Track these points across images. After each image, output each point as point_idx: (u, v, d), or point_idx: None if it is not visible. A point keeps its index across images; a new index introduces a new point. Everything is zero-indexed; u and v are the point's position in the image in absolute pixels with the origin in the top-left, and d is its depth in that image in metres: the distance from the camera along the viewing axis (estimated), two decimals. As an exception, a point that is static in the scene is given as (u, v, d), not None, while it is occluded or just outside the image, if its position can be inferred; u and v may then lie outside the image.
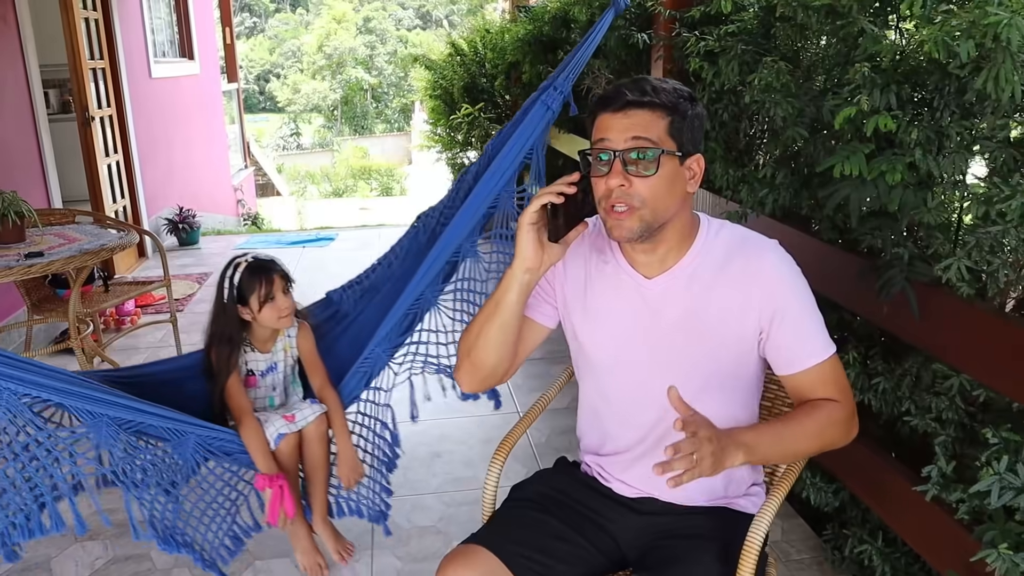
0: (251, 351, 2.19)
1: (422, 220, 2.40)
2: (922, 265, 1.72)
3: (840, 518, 2.32)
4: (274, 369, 2.24)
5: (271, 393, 2.26)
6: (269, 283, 2.08)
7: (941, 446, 1.76)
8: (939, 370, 1.85)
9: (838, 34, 1.93)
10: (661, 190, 1.34)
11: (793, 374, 1.42)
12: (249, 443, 2.04)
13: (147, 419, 1.83)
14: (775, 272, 1.41)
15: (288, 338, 2.25)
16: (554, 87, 2.16)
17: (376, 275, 2.42)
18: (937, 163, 1.59)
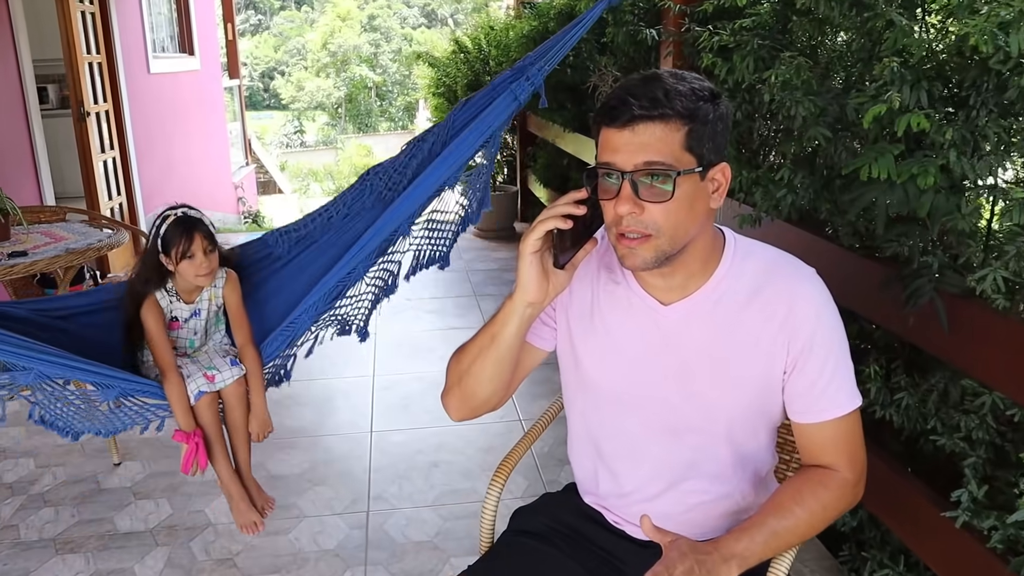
0: (176, 300, 2.27)
1: (370, 178, 2.37)
2: (953, 275, 1.61)
3: (858, 538, 2.21)
4: (197, 315, 2.32)
5: (192, 336, 2.35)
6: (189, 240, 2.13)
7: (971, 468, 1.65)
8: (969, 386, 1.73)
9: (862, 28, 1.82)
10: (679, 214, 1.15)
11: (807, 423, 1.25)
12: (171, 397, 2.15)
13: (75, 374, 1.98)
14: (809, 307, 1.22)
15: (214, 288, 2.32)
16: (526, 77, 2.06)
17: (315, 224, 2.43)
18: (972, 165, 1.47)
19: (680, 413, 1.30)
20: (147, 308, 2.21)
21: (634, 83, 1.16)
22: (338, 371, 3.79)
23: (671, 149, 1.12)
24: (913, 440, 1.99)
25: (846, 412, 1.23)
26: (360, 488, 2.81)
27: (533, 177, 6.11)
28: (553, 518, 1.49)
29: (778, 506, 1.21)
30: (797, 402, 1.26)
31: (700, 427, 1.30)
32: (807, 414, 1.25)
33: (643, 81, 1.15)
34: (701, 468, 1.33)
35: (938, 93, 1.54)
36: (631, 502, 1.40)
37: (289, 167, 22.92)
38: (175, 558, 2.44)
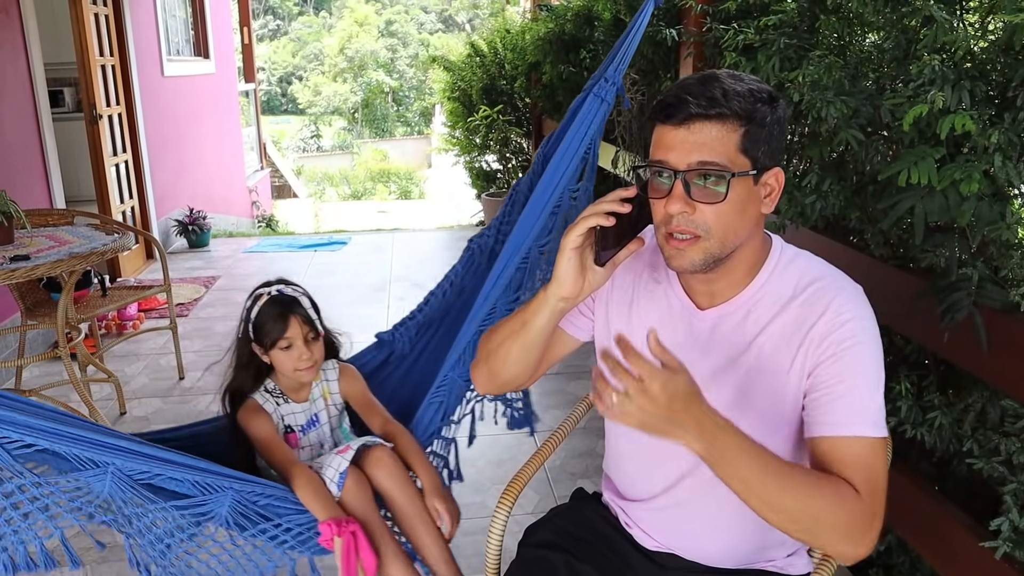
0: (285, 402, 1.85)
1: (476, 243, 2.17)
2: (994, 288, 1.51)
3: (885, 563, 2.10)
4: (316, 422, 1.89)
5: (320, 452, 1.90)
6: (285, 326, 1.77)
7: (1012, 495, 1.54)
8: (1009, 407, 1.63)
9: (897, 25, 1.72)
10: (731, 217, 1.11)
11: (819, 437, 1.13)
12: (303, 492, 1.63)
13: (167, 470, 1.44)
14: (843, 315, 1.14)
15: (326, 382, 1.93)
16: (604, 79, 1.98)
17: (431, 308, 2.19)
18: (1019, 171, 1.37)
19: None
20: (246, 412, 1.80)
21: (691, 81, 1.12)
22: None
23: (726, 150, 1.09)
24: (945, 462, 1.89)
25: (862, 434, 1.10)
26: (367, 501, 2.72)
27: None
28: (566, 525, 1.46)
29: (793, 465, 1.07)
30: (814, 413, 1.15)
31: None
32: (822, 426, 1.13)
33: (701, 80, 1.11)
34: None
35: (981, 93, 1.44)
36: (646, 508, 1.36)
37: (305, 171, 22.96)
38: (175, 572, 2.36)
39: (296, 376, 1.82)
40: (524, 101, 6.45)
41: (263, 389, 1.85)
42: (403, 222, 10.10)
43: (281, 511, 1.62)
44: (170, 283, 3.71)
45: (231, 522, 1.53)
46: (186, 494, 1.50)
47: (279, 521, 1.61)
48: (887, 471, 1.13)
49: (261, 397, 1.84)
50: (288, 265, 5.98)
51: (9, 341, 4.01)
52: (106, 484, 1.39)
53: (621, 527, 1.42)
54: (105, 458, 1.39)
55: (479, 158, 7.05)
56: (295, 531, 1.63)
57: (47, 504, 1.39)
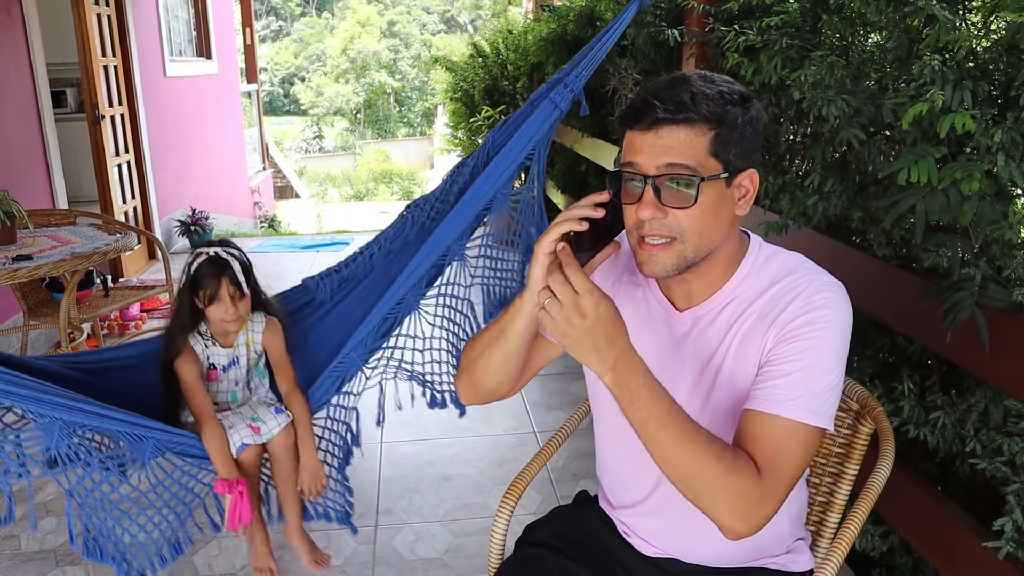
0: (212, 344, 2.13)
1: (411, 211, 2.25)
2: (997, 288, 1.50)
3: (887, 563, 2.09)
4: (236, 363, 2.17)
5: (233, 388, 2.19)
6: (217, 284, 2.03)
7: (1015, 496, 1.54)
8: (1013, 407, 1.63)
9: (899, 25, 1.72)
10: (704, 220, 1.11)
11: (747, 409, 1.12)
12: (210, 448, 1.99)
13: (104, 423, 1.75)
14: (813, 301, 1.12)
15: (251, 332, 2.18)
16: (564, 84, 1.98)
17: (356, 264, 2.30)
18: (1021, 170, 1.36)
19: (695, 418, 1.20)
20: (182, 359, 2.07)
21: (660, 85, 1.11)
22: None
23: (695, 154, 1.08)
24: (948, 462, 1.89)
25: (788, 415, 1.08)
26: (368, 501, 2.73)
27: (551, 183, 6.02)
28: (564, 528, 1.45)
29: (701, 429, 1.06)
30: (753, 386, 1.14)
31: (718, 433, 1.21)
32: (751, 399, 1.12)
33: (670, 83, 1.10)
34: None
35: (983, 93, 1.44)
36: (637, 514, 1.36)
37: (308, 172, 22.96)
38: (177, 572, 2.36)
39: (223, 326, 2.09)
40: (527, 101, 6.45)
41: (196, 331, 2.11)
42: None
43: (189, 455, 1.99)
44: (172, 283, 3.71)
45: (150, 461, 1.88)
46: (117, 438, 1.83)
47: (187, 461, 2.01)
48: (803, 461, 1.10)
49: (194, 338, 2.11)
50: (290, 265, 5.98)
51: (11, 341, 4.01)
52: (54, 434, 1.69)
53: (620, 535, 1.41)
54: (54, 412, 1.67)
55: (481, 159, 7.04)
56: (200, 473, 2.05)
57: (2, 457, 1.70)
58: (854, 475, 1.49)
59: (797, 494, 1.34)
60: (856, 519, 1.34)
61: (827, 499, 1.52)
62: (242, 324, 2.13)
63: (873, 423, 1.45)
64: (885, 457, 1.39)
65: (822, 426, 1.10)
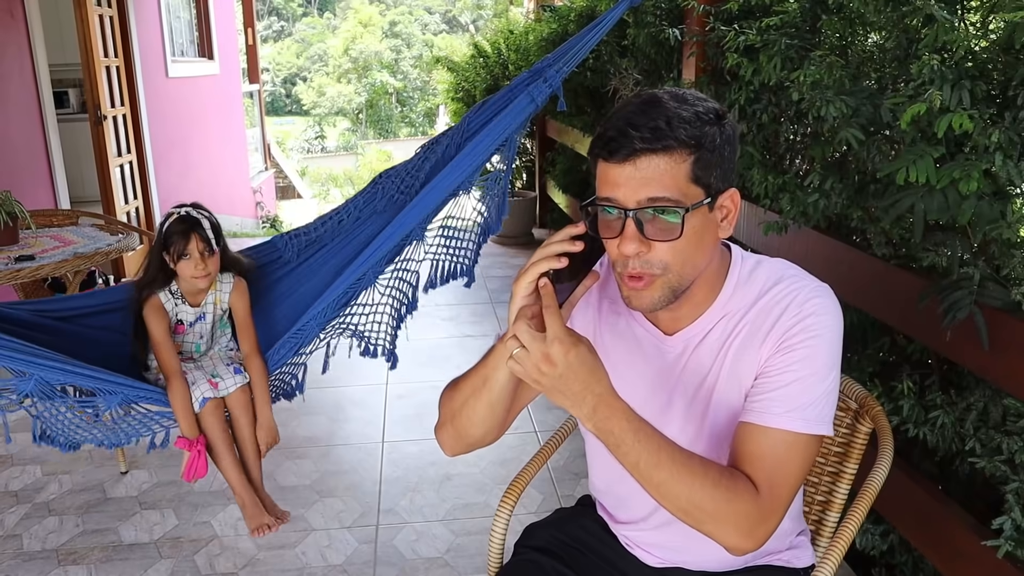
0: (182, 303, 2.26)
1: (383, 181, 2.34)
2: (996, 288, 1.51)
3: (888, 562, 2.10)
4: (202, 319, 2.32)
5: (198, 340, 2.35)
6: (186, 241, 2.13)
7: (1014, 494, 1.54)
8: (1012, 406, 1.63)
9: (898, 25, 1.72)
10: (688, 250, 1.06)
11: (743, 423, 1.11)
12: (175, 404, 2.14)
13: (76, 380, 1.94)
14: (804, 309, 1.10)
15: (219, 292, 2.31)
16: (544, 78, 2.01)
17: (325, 229, 2.41)
18: (1019, 170, 1.37)
19: (692, 440, 1.20)
20: (151, 309, 2.21)
21: (633, 111, 1.05)
22: (350, 379, 3.72)
23: (676, 183, 1.03)
24: (948, 461, 1.89)
25: (787, 427, 1.07)
26: (370, 501, 2.73)
27: (552, 183, 6.03)
28: (564, 533, 1.43)
29: (688, 454, 1.04)
30: (748, 398, 1.13)
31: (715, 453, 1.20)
32: (744, 412, 1.11)
33: (643, 107, 1.04)
34: None
35: (981, 93, 1.44)
36: (640, 529, 1.34)
37: (310, 172, 22.99)
38: (179, 571, 2.37)
39: (193, 283, 2.21)
40: (527, 102, 6.45)
41: (167, 290, 2.23)
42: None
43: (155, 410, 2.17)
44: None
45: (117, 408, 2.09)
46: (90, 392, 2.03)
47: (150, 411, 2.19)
48: (803, 471, 1.09)
49: (164, 296, 2.23)
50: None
51: (14, 341, 4.02)
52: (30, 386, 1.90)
53: (620, 548, 1.39)
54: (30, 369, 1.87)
55: (482, 158, 7.05)
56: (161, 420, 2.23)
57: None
58: (853, 474, 1.49)
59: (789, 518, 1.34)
60: (855, 518, 1.34)
61: (826, 498, 1.52)
62: (212, 282, 2.25)
63: (872, 422, 1.45)
64: (884, 456, 1.39)
65: (821, 433, 1.09)
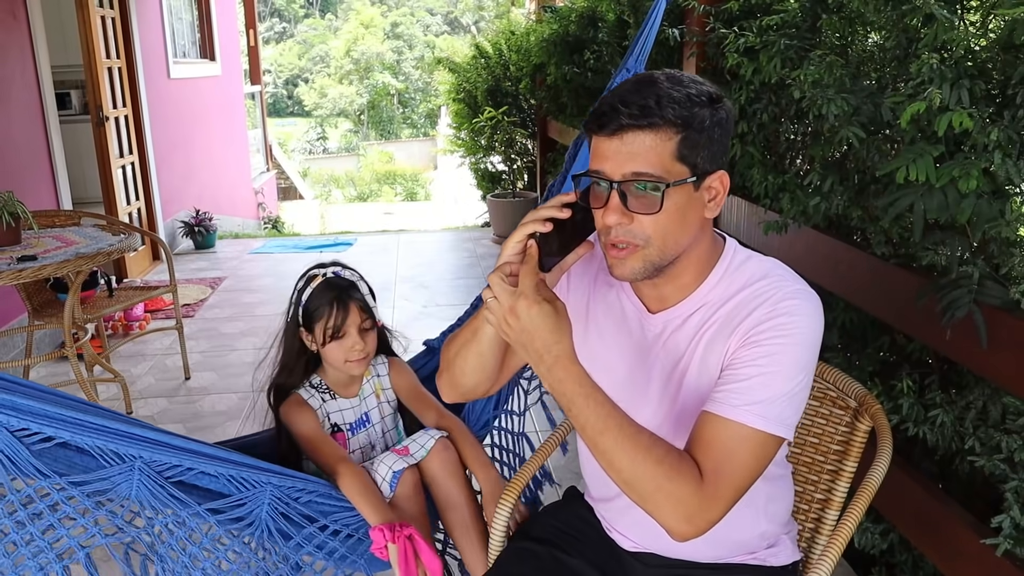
0: (332, 398, 1.71)
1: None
2: (995, 286, 1.51)
3: (887, 561, 2.10)
4: (366, 422, 1.75)
5: (371, 455, 1.75)
6: (343, 312, 1.63)
7: (1013, 493, 1.54)
8: (1011, 404, 1.63)
9: (898, 24, 1.72)
10: (670, 225, 1.10)
11: (703, 411, 1.12)
12: (351, 491, 1.50)
13: (199, 463, 1.30)
14: (779, 308, 1.11)
15: (377, 377, 1.79)
16: (626, 69, 2.13)
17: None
18: (1018, 169, 1.37)
19: (661, 422, 1.24)
20: (289, 407, 1.66)
21: (627, 88, 1.09)
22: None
23: (661, 159, 1.07)
24: (948, 460, 1.89)
25: (740, 420, 1.08)
26: (371, 500, 2.73)
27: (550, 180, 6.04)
28: (559, 520, 1.48)
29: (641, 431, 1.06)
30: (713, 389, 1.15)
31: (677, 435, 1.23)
32: (708, 400, 1.13)
33: (636, 86, 1.08)
34: None
35: (980, 92, 1.45)
36: (617, 508, 1.37)
37: (312, 173, 23.01)
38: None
39: (346, 368, 1.68)
40: (529, 102, 6.46)
41: (308, 384, 1.71)
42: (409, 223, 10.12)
43: (326, 509, 1.47)
44: (176, 284, 3.73)
45: (271, 528, 1.38)
46: (220, 493, 1.35)
47: (325, 522, 1.46)
48: (753, 467, 1.09)
49: (306, 392, 1.70)
50: (294, 266, 5.99)
51: (16, 341, 4.03)
52: (134, 481, 1.23)
53: (603, 531, 1.43)
54: (132, 451, 1.23)
55: (484, 159, 7.06)
56: (344, 533, 1.49)
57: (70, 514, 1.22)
58: (852, 472, 1.49)
59: (782, 493, 1.35)
60: (853, 515, 1.35)
61: (826, 496, 1.52)
62: (367, 366, 1.73)
63: (871, 420, 1.45)
64: (883, 453, 1.39)
65: (778, 434, 1.09)
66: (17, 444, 1.15)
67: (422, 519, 1.60)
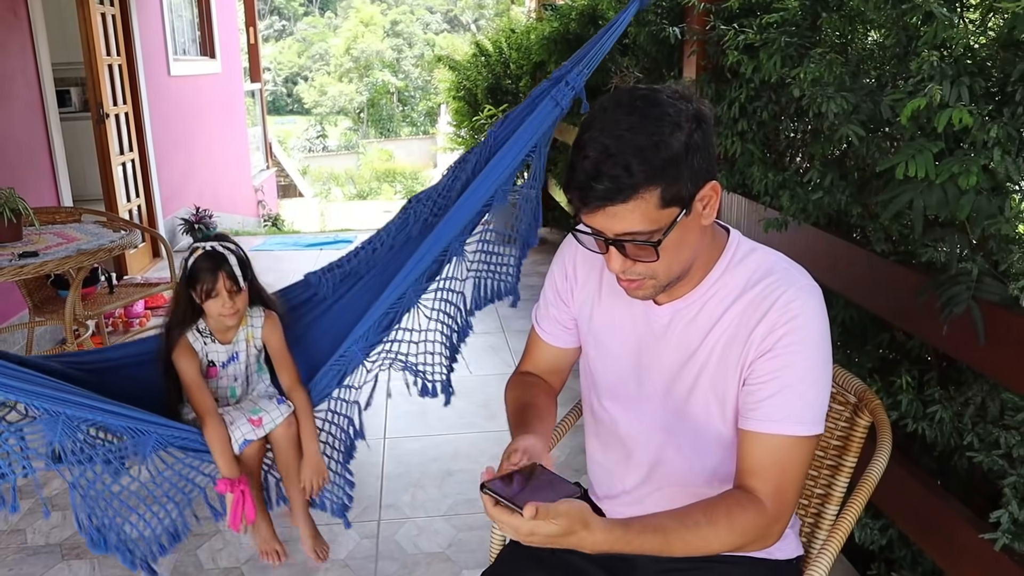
0: (211, 341, 2.10)
1: (414, 206, 2.25)
2: (993, 282, 1.52)
3: (886, 557, 2.11)
4: (235, 359, 2.15)
5: (232, 384, 2.17)
6: (213, 280, 2.00)
7: (1012, 488, 1.55)
8: (1009, 400, 1.64)
9: (897, 22, 1.73)
10: (672, 258, 1.14)
11: (744, 430, 1.17)
12: (212, 445, 1.97)
13: (107, 418, 1.75)
14: (789, 311, 1.15)
15: (251, 328, 2.16)
16: (566, 82, 2.01)
17: (359, 260, 2.30)
18: (1018, 166, 1.38)
19: (663, 416, 1.28)
20: (180, 350, 2.06)
21: (593, 160, 1.06)
22: (352, 376, 3.73)
23: (647, 217, 1.08)
24: (947, 456, 1.90)
25: (785, 432, 1.13)
26: (372, 496, 2.75)
27: (553, 182, 6.04)
28: None
29: (685, 515, 1.11)
30: (742, 401, 1.19)
31: (684, 433, 1.27)
32: (744, 418, 1.17)
33: (599, 160, 1.06)
34: (688, 473, 1.30)
35: (980, 89, 1.45)
36: (621, 503, 1.39)
37: (311, 171, 23.01)
38: (181, 565, 2.39)
39: (221, 321, 2.06)
40: (529, 100, 6.47)
41: (195, 328, 2.08)
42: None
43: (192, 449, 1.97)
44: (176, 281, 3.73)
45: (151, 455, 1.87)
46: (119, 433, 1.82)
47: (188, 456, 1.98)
48: (805, 470, 1.16)
49: (192, 336, 2.08)
50: (294, 264, 6.00)
51: (17, 338, 4.04)
52: (58, 428, 1.67)
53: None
54: (57, 407, 1.66)
55: (484, 157, 7.07)
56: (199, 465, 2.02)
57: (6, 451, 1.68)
58: (852, 467, 1.50)
59: None
60: (852, 510, 1.36)
61: (825, 491, 1.53)
62: (241, 319, 2.11)
63: (870, 416, 1.46)
64: (882, 448, 1.40)
65: (818, 433, 1.15)
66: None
67: (256, 477, 2.11)
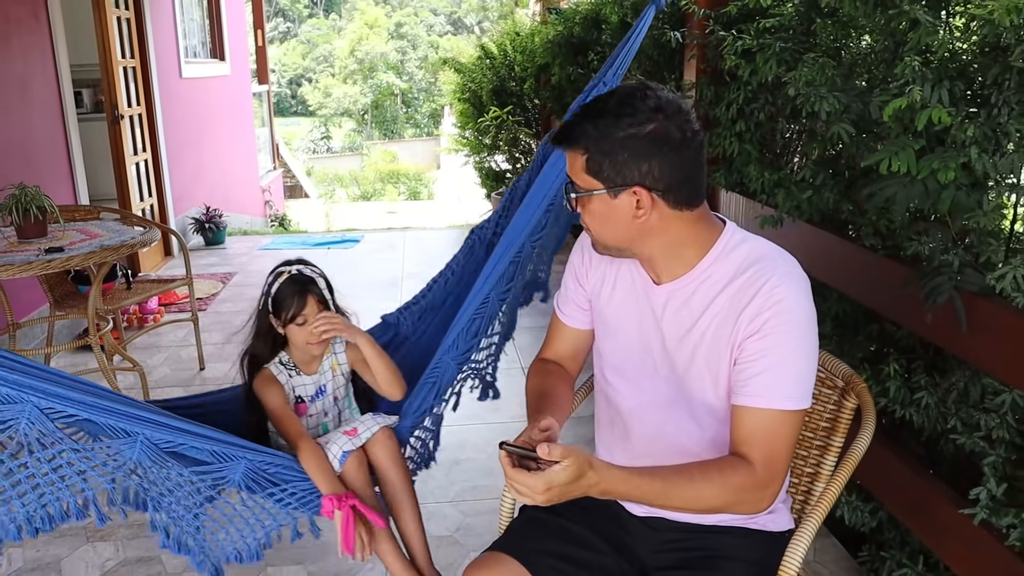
0: (296, 374, 1.99)
1: (476, 234, 2.30)
2: (973, 273, 1.62)
3: (877, 539, 2.20)
4: (323, 392, 2.03)
5: (324, 420, 2.05)
6: (302, 304, 1.90)
7: (991, 467, 1.65)
8: (989, 385, 1.74)
9: (886, 28, 1.83)
10: (596, 223, 1.33)
11: (735, 405, 1.29)
12: (308, 466, 1.79)
13: (189, 440, 1.60)
14: (775, 294, 1.25)
15: (335, 355, 2.06)
16: (603, 83, 2.10)
17: (433, 294, 2.32)
18: (994, 164, 1.48)
19: (665, 391, 1.39)
20: (262, 380, 1.95)
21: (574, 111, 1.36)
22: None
23: (576, 172, 1.29)
24: (934, 441, 1.99)
25: (773, 407, 1.24)
26: (383, 483, 2.84)
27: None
28: None
29: (682, 468, 1.24)
30: (734, 378, 1.30)
31: (682, 406, 1.38)
32: (735, 394, 1.29)
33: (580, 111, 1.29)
34: (688, 447, 1.40)
35: (960, 92, 1.55)
36: None
37: (316, 172, 23.12)
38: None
39: (308, 349, 1.95)
40: (533, 102, 6.57)
41: (278, 361, 1.98)
42: (412, 222, 10.22)
43: (287, 477, 1.78)
44: (192, 277, 3.84)
45: (243, 485, 1.69)
46: (205, 461, 1.65)
47: (285, 487, 1.78)
48: (795, 440, 1.27)
49: (275, 368, 1.98)
50: (302, 262, 6.10)
51: (36, 332, 4.15)
52: (135, 451, 1.54)
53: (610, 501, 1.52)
54: (136, 428, 1.54)
55: (489, 158, 7.17)
56: (299, 495, 1.81)
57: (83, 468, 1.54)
58: (840, 447, 1.59)
59: None
60: (837, 481, 1.46)
61: (815, 470, 1.63)
62: (326, 347, 2.00)
63: (856, 398, 1.56)
64: (867, 425, 1.50)
65: (805, 407, 1.26)
66: (45, 419, 1.45)
67: (366, 490, 1.89)
